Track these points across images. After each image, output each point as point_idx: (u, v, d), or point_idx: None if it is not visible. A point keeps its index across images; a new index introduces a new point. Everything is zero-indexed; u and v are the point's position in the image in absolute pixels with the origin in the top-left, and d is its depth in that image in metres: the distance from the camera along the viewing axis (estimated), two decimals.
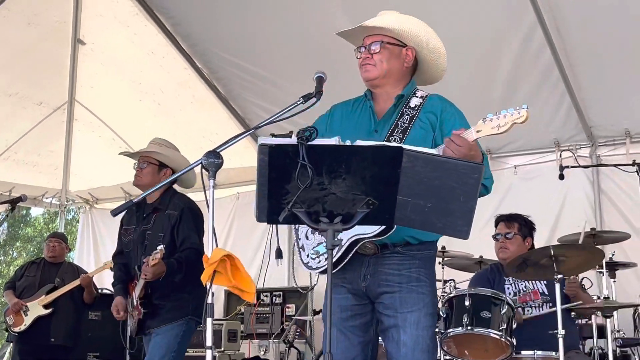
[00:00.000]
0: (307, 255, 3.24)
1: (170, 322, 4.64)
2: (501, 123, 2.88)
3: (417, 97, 3.35)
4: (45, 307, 6.79)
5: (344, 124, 3.35)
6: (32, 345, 6.88)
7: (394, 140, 3.18)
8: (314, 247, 3.22)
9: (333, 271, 3.07)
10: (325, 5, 6.26)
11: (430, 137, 3.23)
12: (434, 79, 3.52)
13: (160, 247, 4.48)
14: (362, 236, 3.04)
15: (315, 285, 3.32)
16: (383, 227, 3.00)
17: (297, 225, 3.29)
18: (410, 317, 3.14)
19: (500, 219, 5.45)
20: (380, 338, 3.36)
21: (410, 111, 3.29)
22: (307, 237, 3.28)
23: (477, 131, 2.90)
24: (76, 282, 6.84)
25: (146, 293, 4.69)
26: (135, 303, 4.76)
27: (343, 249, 3.09)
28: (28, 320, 6.76)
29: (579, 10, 5.88)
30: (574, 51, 6.20)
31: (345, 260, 3.12)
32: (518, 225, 5.34)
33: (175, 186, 5.01)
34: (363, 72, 3.34)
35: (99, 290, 8.26)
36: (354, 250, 3.10)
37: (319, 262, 3.20)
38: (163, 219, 4.76)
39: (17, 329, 6.76)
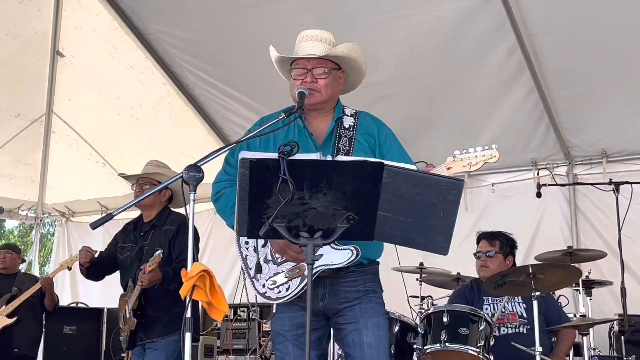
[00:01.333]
0: (264, 286, 3.21)
1: (167, 336, 4.71)
2: (473, 162, 2.98)
3: (347, 115, 3.41)
4: (9, 316, 6.70)
5: (278, 143, 3.16)
6: None
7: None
8: (270, 277, 3.19)
9: (293, 298, 3.14)
10: (303, 27, 6.27)
11: (372, 158, 3.27)
12: (344, 92, 3.53)
13: (159, 251, 4.57)
14: (329, 267, 3.11)
15: (274, 313, 3.33)
16: (354, 256, 3.07)
17: (244, 254, 3.29)
18: (372, 320, 3.22)
19: (482, 237, 5.44)
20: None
21: (346, 132, 3.34)
22: (260, 268, 3.25)
23: (448, 168, 2.98)
24: (37, 286, 6.68)
25: (140, 304, 4.77)
26: (128, 315, 4.82)
27: (306, 279, 3.05)
28: None
29: (557, 33, 5.95)
30: (553, 74, 6.28)
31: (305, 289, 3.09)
32: (500, 243, 5.33)
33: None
34: (306, 96, 3.28)
35: (76, 304, 8.19)
36: (315, 276, 3.09)
37: (278, 292, 3.18)
38: (160, 234, 4.91)
39: None
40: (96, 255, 5.22)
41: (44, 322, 7.18)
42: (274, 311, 3.31)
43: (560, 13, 5.76)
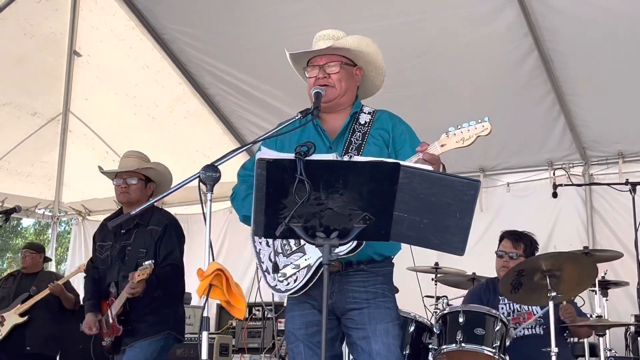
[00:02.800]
0: (274, 279, 3.23)
1: (149, 337, 4.51)
2: (465, 137, 2.93)
3: (365, 113, 3.41)
4: (22, 315, 6.75)
5: (293, 143, 3.26)
6: (9, 354, 6.85)
7: (350, 158, 3.22)
8: (281, 270, 3.20)
9: (301, 292, 3.15)
10: (319, 27, 6.27)
11: (385, 153, 3.28)
12: (367, 95, 3.55)
13: (149, 262, 4.37)
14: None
15: (285, 307, 3.35)
16: (354, 244, 3.03)
17: (258, 249, 3.32)
18: (380, 327, 3.18)
19: (505, 235, 5.36)
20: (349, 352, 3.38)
21: (361, 128, 3.34)
22: (270, 260, 3.28)
23: (442, 145, 2.95)
24: (46, 291, 6.73)
25: (124, 310, 4.52)
26: (111, 321, 4.57)
27: (312, 269, 3.12)
28: (4, 330, 6.72)
29: (574, 37, 5.92)
30: (570, 75, 6.26)
31: (314, 281, 3.13)
32: (524, 246, 5.22)
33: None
34: (322, 96, 3.28)
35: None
36: (322, 270, 3.10)
37: (287, 284, 3.19)
38: (145, 234, 4.62)
39: None
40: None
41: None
42: (284, 305, 3.32)
43: (577, 17, 5.73)
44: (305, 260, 3.14)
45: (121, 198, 4.78)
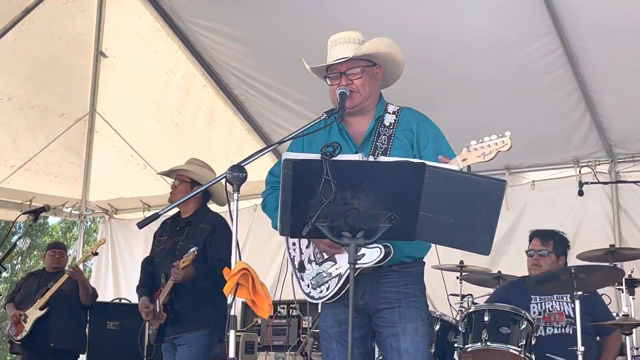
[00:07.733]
0: (308, 286, 3.28)
1: (195, 331, 4.82)
2: (486, 152, 2.95)
3: (389, 113, 3.40)
4: (41, 308, 6.81)
5: (320, 146, 3.10)
6: (34, 351, 6.92)
7: (375, 158, 3.23)
8: (313, 277, 3.25)
9: (334, 299, 3.19)
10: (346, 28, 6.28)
11: (411, 154, 3.29)
12: (387, 85, 3.55)
13: (193, 249, 4.70)
14: (362, 266, 3.06)
15: (320, 313, 3.40)
16: (382, 255, 3.05)
17: (292, 255, 3.36)
18: (410, 326, 3.22)
19: (535, 235, 5.36)
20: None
21: (386, 130, 3.34)
22: (304, 268, 3.32)
23: (463, 160, 2.96)
24: (65, 276, 6.78)
25: (170, 299, 4.89)
26: (158, 309, 4.92)
27: (343, 278, 3.14)
28: (27, 326, 6.78)
29: (600, 34, 5.86)
30: (596, 73, 6.19)
31: (345, 290, 3.14)
32: (553, 243, 5.25)
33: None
34: (347, 96, 3.29)
35: (119, 300, 8.31)
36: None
37: (320, 292, 3.24)
38: (196, 232, 5.00)
39: (19, 337, 6.79)
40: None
41: (87, 317, 7.29)
42: (319, 310, 3.36)
43: (602, 13, 5.67)
44: (336, 269, 3.17)
45: (169, 198, 5.30)
